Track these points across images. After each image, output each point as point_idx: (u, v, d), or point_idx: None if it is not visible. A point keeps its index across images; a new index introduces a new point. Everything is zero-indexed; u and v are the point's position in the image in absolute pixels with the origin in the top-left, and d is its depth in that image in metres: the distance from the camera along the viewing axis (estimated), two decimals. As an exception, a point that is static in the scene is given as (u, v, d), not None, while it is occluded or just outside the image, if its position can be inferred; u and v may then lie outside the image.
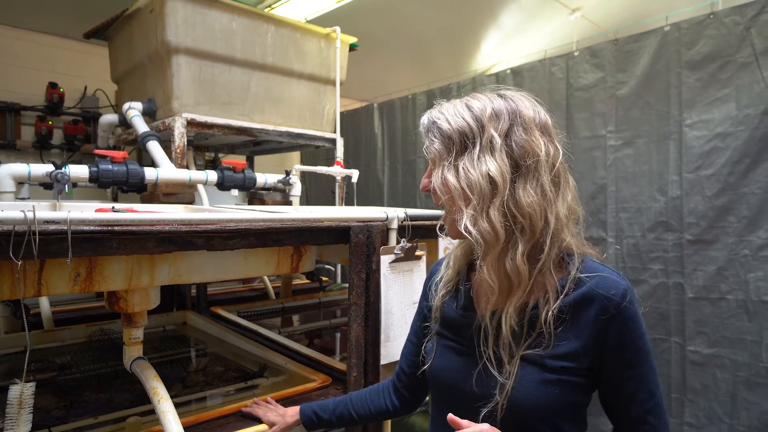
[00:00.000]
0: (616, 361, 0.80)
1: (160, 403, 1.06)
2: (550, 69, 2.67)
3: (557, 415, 0.81)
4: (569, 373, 0.80)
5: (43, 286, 0.97)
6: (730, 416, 2.06)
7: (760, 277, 1.99)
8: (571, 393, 0.81)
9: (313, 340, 2.17)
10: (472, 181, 0.80)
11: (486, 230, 0.80)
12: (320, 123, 2.58)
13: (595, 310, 0.80)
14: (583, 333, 0.80)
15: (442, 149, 0.85)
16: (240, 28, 2.20)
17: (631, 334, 0.80)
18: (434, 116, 0.88)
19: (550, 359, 0.80)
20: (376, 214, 1.42)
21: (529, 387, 0.80)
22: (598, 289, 0.80)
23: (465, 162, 0.82)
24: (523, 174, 0.80)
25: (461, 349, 0.91)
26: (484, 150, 0.81)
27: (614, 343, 0.80)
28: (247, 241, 1.17)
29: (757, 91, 1.98)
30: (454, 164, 0.84)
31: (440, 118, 0.87)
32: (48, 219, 0.87)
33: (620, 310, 0.79)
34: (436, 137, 0.86)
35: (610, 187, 2.42)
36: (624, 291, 0.80)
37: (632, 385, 0.81)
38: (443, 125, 0.85)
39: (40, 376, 1.51)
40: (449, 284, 0.98)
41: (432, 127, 0.88)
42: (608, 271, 0.83)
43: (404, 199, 3.57)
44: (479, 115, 0.83)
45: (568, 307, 0.81)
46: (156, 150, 1.98)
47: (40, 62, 3.35)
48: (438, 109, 0.89)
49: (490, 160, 0.80)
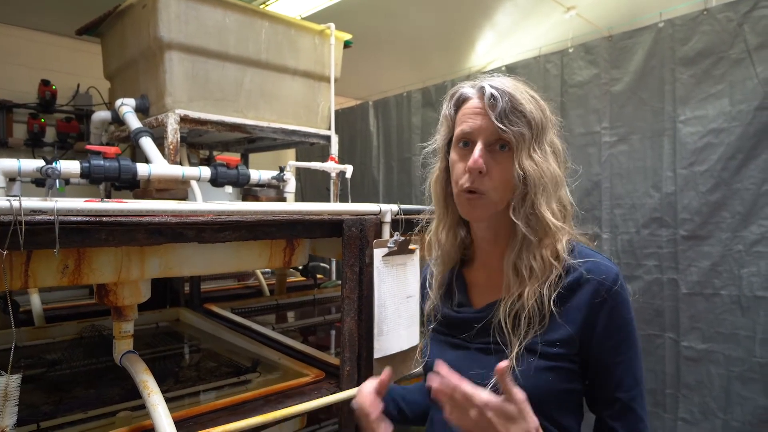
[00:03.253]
0: (605, 345, 0.80)
1: (150, 396, 1.05)
2: (545, 66, 2.67)
3: (553, 402, 0.81)
4: (563, 359, 0.80)
5: (30, 277, 0.96)
6: (724, 411, 2.06)
7: (753, 273, 1.99)
8: (565, 379, 0.81)
9: (307, 337, 2.17)
10: (548, 169, 0.82)
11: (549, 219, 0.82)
12: (315, 120, 2.57)
13: (588, 294, 0.80)
14: (576, 317, 0.80)
15: (527, 131, 0.81)
16: (234, 24, 2.19)
17: (620, 319, 0.80)
18: (517, 96, 0.81)
19: (545, 346, 0.80)
20: (369, 208, 1.41)
21: (526, 375, 0.79)
22: (591, 273, 0.80)
23: (536, 149, 0.82)
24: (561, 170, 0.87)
25: (458, 343, 0.90)
26: (546, 143, 0.84)
27: (604, 327, 0.79)
28: (239, 234, 1.16)
29: (751, 87, 1.99)
30: (533, 149, 0.82)
31: (517, 98, 0.81)
32: (34, 209, 0.86)
33: (611, 294, 0.79)
34: (516, 118, 0.80)
35: (604, 183, 2.42)
36: (615, 275, 0.80)
37: (620, 370, 0.81)
38: (525, 107, 0.81)
39: (30, 372, 1.49)
40: (442, 281, 0.97)
41: (507, 104, 0.80)
42: (599, 257, 0.83)
43: (399, 197, 3.56)
44: (543, 107, 0.85)
45: (561, 292, 0.81)
46: (149, 146, 1.96)
47: (32, 59, 3.33)
48: (505, 86, 0.82)
49: (551, 153, 0.84)
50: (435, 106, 3.33)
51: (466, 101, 0.86)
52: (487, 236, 0.90)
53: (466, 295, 0.93)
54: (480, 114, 0.82)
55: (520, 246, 0.83)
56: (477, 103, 0.84)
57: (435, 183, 0.95)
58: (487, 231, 0.89)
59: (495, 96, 0.80)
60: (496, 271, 0.89)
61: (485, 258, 0.93)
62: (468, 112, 0.84)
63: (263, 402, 1.29)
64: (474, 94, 0.85)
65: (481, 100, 0.83)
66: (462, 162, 0.84)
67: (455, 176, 0.85)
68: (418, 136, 3.41)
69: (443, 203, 0.94)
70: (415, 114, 3.42)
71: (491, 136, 0.81)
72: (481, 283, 0.93)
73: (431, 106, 3.30)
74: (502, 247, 0.88)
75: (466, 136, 0.83)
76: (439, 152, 0.94)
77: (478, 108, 0.83)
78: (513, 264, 0.83)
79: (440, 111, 0.93)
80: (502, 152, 0.82)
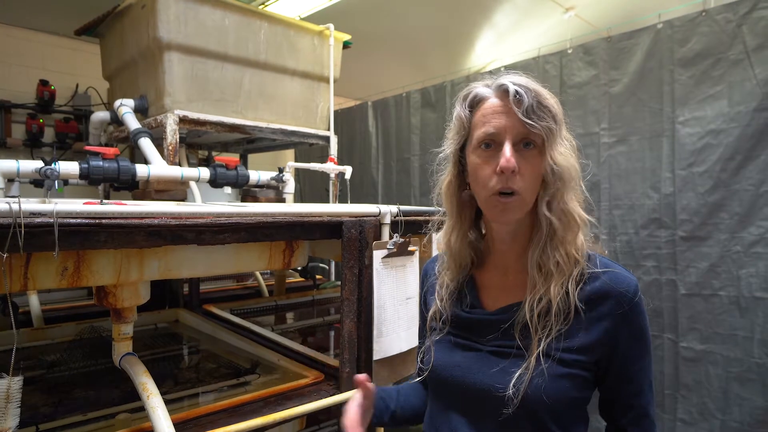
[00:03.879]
0: (627, 355, 0.81)
1: (150, 398, 1.05)
2: (544, 66, 2.68)
3: (565, 409, 0.81)
4: (580, 366, 0.80)
5: (29, 280, 0.96)
6: (722, 412, 2.06)
7: (751, 273, 1.99)
8: (579, 387, 0.80)
9: (306, 338, 2.16)
10: (569, 164, 0.81)
11: (573, 211, 0.82)
12: (314, 120, 2.57)
13: (610, 305, 0.80)
14: (597, 327, 0.80)
15: (555, 126, 0.81)
16: (233, 25, 2.19)
17: (640, 330, 0.82)
18: (533, 87, 0.81)
19: (564, 353, 0.79)
20: (368, 209, 1.41)
21: (541, 381, 0.78)
22: (612, 284, 0.81)
23: (558, 145, 0.81)
24: None
25: (469, 345, 0.88)
26: (563, 138, 0.83)
27: (626, 338, 0.81)
28: (238, 236, 1.16)
29: (749, 88, 1.99)
30: (557, 144, 0.81)
31: (542, 94, 0.81)
32: (34, 211, 0.85)
33: (632, 305, 0.80)
34: (544, 113, 0.80)
35: (603, 184, 2.42)
36: (635, 287, 0.81)
37: (639, 378, 0.83)
38: (550, 102, 0.81)
39: (29, 373, 1.49)
40: (453, 281, 0.95)
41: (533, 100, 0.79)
42: (618, 267, 0.84)
43: (399, 197, 3.56)
44: (559, 104, 0.84)
45: (583, 301, 0.81)
46: (148, 147, 1.96)
47: (30, 59, 3.32)
48: (528, 84, 0.81)
49: (568, 148, 0.82)
50: (434, 107, 3.35)
51: (483, 101, 0.84)
52: (506, 238, 0.88)
53: (477, 298, 0.91)
54: (504, 113, 0.80)
55: (544, 242, 0.82)
56: (497, 102, 0.82)
57: (447, 189, 0.92)
58: (507, 233, 0.88)
59: (520, 93, 0.78)
60: (511, 272, 0.88)
61: (499, 259, 0.91)
62: (488, 112, 0.82)
63: (263, 404, 1.29)
64: (491, 93, 0.83)
65: (503, 98, 0.81)
66: (487, 164, 0.81)
67: (481, 180, 0.82)
68: (417, 137, 3.41)
69: (457, 209, 0.92)
70: (414, 114, 3.42)
71: (518, 135, 0.80)
72: (494, 285, 0.91)
73: (430, 107, 3.30)
74: (518, 248, 0.87)
75: (490, 137, 0.81)
76: (451, 157, 0.91)
77: (500, 107, 0.81)
78: (537, 262, 0.83)
79: (440, 112, 0.92)
80: (527, 150, 0.81)
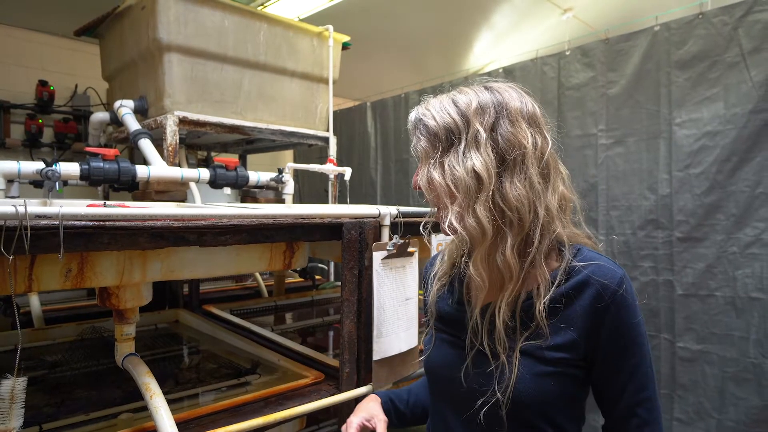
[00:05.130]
0: (609, 350, 0.79)
1: (153, 399, 1.06)
2: (542, 68, 2.69)
3: (554, 408, 0.80)
4: (566, 364, 0.79)
5: (34, 281, 0.97)
6: (718, 411, 2.08)
7: (747, 274, 2.01)
8: (568, 385, 0.80)
9: (306, 338, 2.17)
10: (458, 178, 0.79)
11: (472, 227, 0.79)
12: (313, 121, 2.58)
13: (591, 298, 0.78)
14: (579, 322, 0.79)
15: (429, 147, 0.84)
16: (232, 26, 2.20)
17: (625, 324, 0.78)
18: (420, 113, 0.86)
19: (546, 351, 0.79)
20: (368, 211, 1.42)
21: (525, 380, 0.78)
22: (594, 276, 0.79)
23: (451, 159, 0.81)
24: (510, 167, 0.79)
25: (456, 342, 0.90)
26: (469, 145, 0.80)
27: (608, 332, 0.78)
28: (240, 237, 1.17)
29: (745, 91, 2.01)
30: (440, 161, 0.82)
31: (426, 114, 0.85)
32: (40, 214, 0.86)
33: (616, 298, 0.77)
34: (422, 135, 0.85)
35: (600, 185, 2.44)
36: (620, 279, 0.78)
37: (624, 376, 0.80)
38: (429, 122, 0.84)
39: (31, 374, 1.50)
40: (444, 278, 0.97)
41: (418, 124, 0.86)
42: (604, 260, 0.82)
43: (397, 198, 3.57)
44: (464, 110, 0.81)
45: (563, 296, 0.79)
46: (148, 148, 1.97)
47: (30, 60, 3.32)
48: (424, 106, 0.87)
49: (476, 156, 0.79)
50: (433, 108, 3.36)
51: None
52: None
53: (464, 294, 0.92)
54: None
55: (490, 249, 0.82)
56: None
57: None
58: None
59: (410, 118, 0.89)
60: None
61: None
62: None
63: (263, 404, 1.31)
64: None
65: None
66: None
67: None
68: (416, 138, 3.42)
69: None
70: (412, 115, 3.43)
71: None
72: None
73: (429, 108, 3.31)
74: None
75: None
76: None
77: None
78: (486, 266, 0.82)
79: None
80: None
